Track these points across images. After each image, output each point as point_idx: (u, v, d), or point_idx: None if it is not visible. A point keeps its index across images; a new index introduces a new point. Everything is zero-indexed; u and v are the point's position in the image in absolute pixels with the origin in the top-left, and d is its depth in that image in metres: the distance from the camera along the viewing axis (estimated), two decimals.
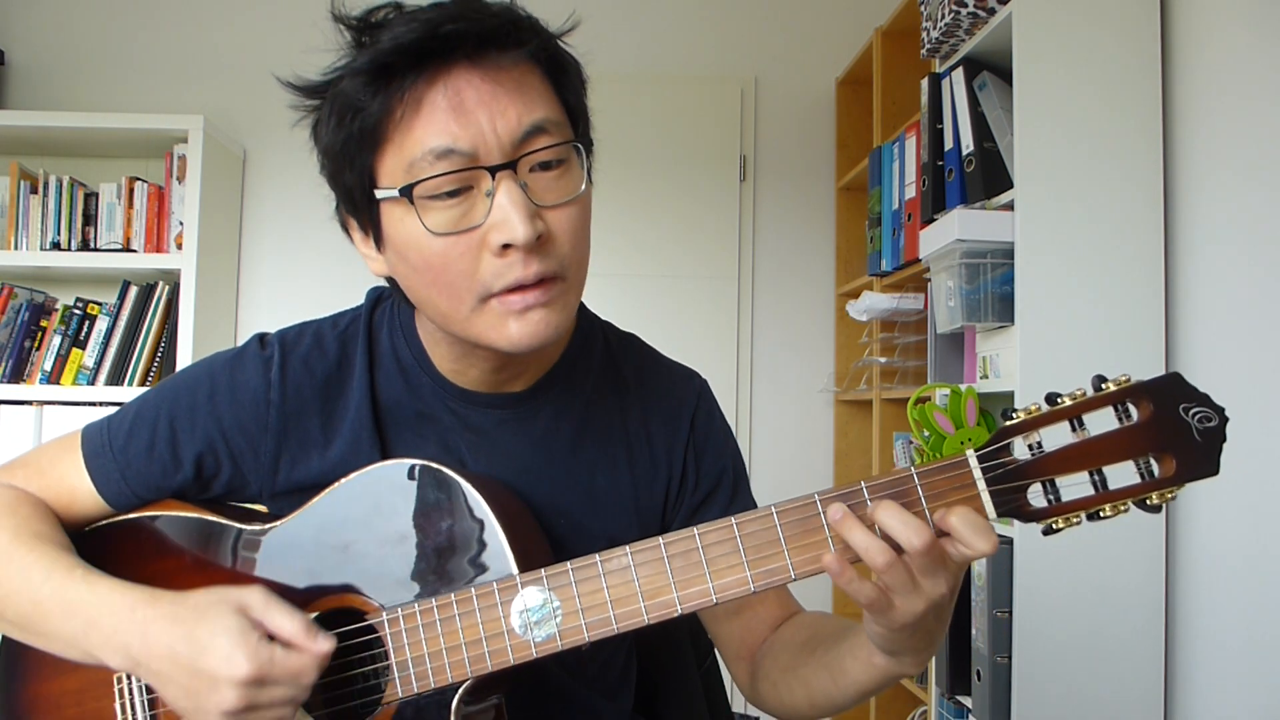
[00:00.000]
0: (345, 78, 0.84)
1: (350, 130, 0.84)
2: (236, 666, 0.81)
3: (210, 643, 0.82)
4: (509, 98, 0.83)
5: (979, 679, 1.85)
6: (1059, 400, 0.77)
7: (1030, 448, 0.78)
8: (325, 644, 0.84)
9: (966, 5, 1.94)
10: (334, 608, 0.92)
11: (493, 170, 0.82)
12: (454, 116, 0.82)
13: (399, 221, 0.86)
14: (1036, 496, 0.78)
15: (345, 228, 0.94)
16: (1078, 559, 1.76)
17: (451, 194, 0.83)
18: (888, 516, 0.77)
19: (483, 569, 0.88)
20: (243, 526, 0.98)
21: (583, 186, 0.88)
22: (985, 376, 1.94)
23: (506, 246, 0.83)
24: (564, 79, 0.89)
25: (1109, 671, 1.76)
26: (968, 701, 1.94)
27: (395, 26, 0.83)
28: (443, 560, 0.89)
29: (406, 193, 0.83)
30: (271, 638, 0.84)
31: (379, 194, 0.86)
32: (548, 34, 0.87)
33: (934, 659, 2.06)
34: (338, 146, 0.86)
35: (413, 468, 0.92)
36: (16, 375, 2.93)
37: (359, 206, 0.88)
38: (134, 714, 0.95)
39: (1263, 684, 1.59)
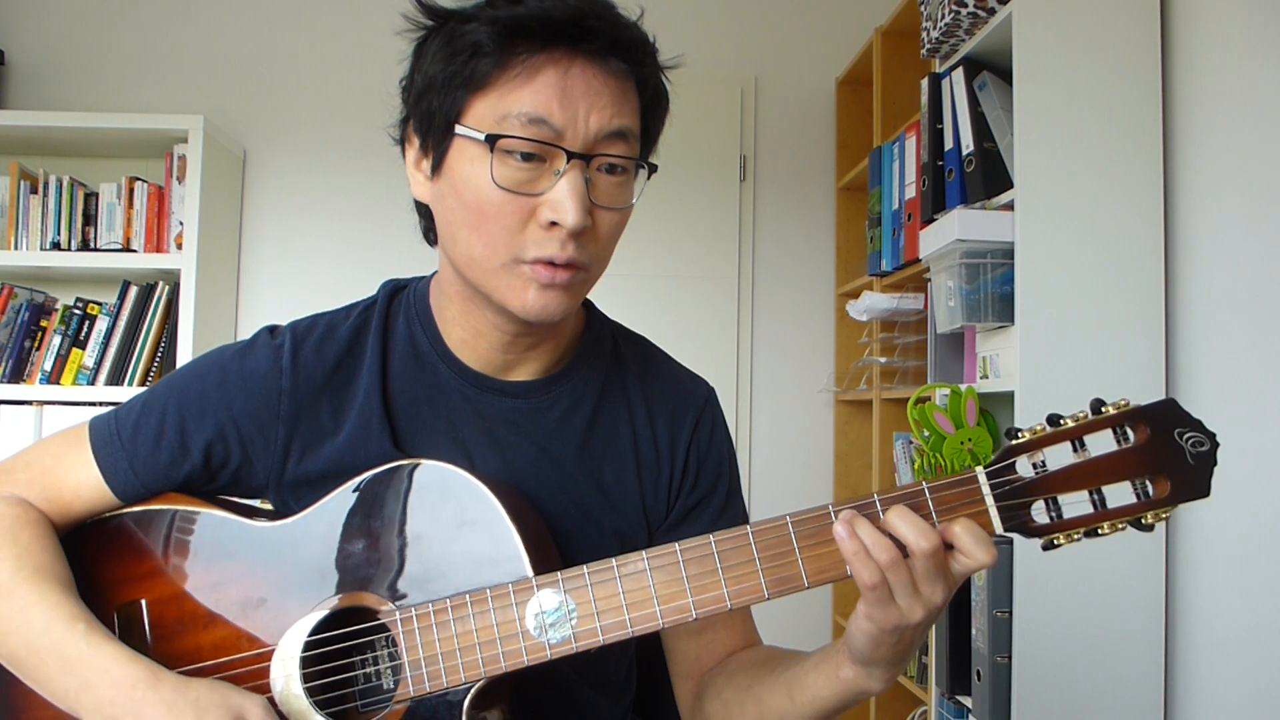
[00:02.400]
0: (477, 21, 0.89)
1: (461, 66, 0.89)
2: None
3: None
4: (609, 99, 0.90)
5: (979, 679, 1.86)
6: (1062, 421, 0.81)
7: (1034, 466, 0.82)
8: None
9: (966, 5, 1.94)
10: (345, 606, 0.92)
11: (570, 154, 0.88)
12: (558, 96, 0.88)
13: (469, 161, 0.90)
14: (1040, 513, 0.82)
15: (402, 143, 0.99)
16: (1077, 559, 1.76)
17: (526, 157, 0.89)
18: (897, 519, 0.80)
19: (496, 570, 0.89)
20: (252, 522, 0.98)
21: (632, 201, 0.95)
22: (985, 376, 1.94)
23: (554, 225, 0.89)
24: (654, 107, 0.97)
25: (1109, 671, 1.77)
26: (968, 701, 1.95)
27: None
28: (456, 560, 0.90)
29: (492, 140, 0.88)
30: None
31: (461, 130, 0.90)
32: (658, 65, 0.96)
33: (934, 659, 2.07)
34: (441, 75, 0.90)
35: (427, 467, 0.92)
36: (16, 375, 2.93)
37: (433, 130, 0.93)
38: None
39: (1263, 684, 1.60)
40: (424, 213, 1.02)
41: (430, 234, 1.03)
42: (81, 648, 0.89)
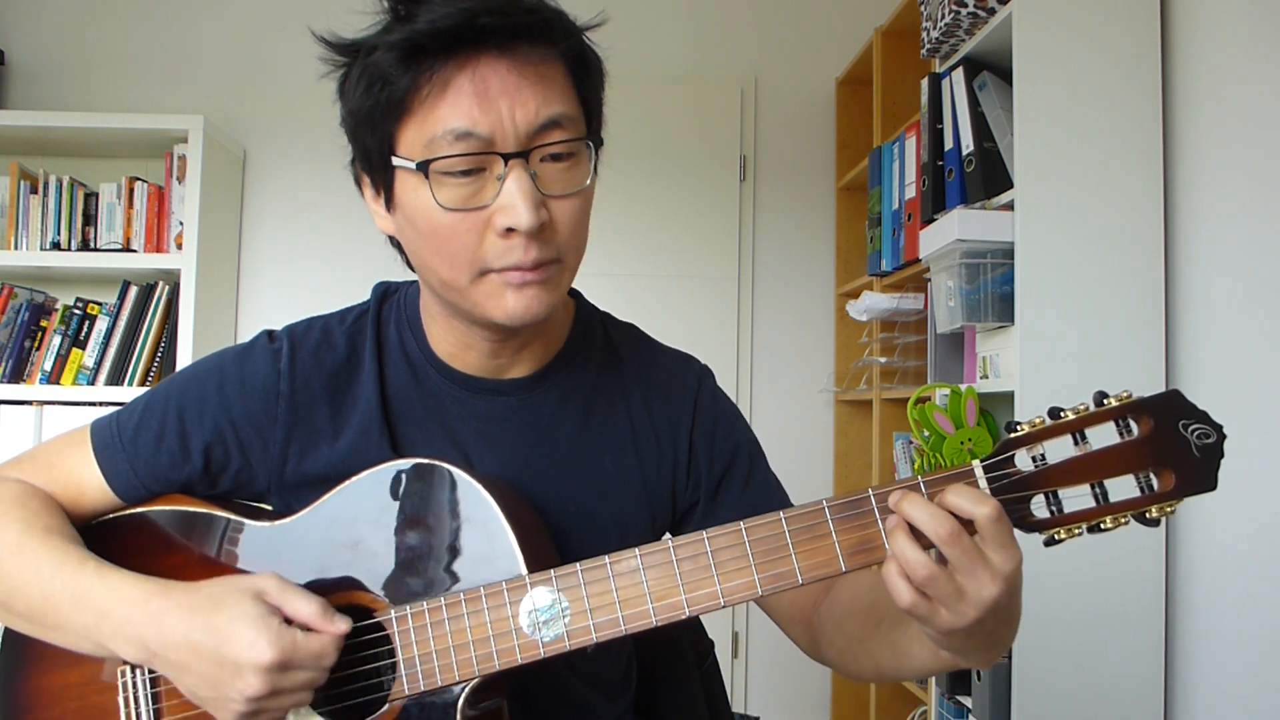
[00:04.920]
0: (379, 49, 0.87)
1: (377, 99, 0.88)
2: (260, 652, 0.82)
3: (231, 630, 0.83)
4: (531, 90, 0.87)
5: (979, 679, 1.86)
6: (1062, 414, 0.79)
7: (1034, 459, 0.79)
8: (342, 625, 0.86)
9: (966, 5, 1.94)
10: (341, 605, 0.92)
11: (506, 157, 0.86)
12: (477, 102, 0.85)
13: (412, 190, 0.89)
14: (1039, 507, 0.79)
15: (358, 182, 0.98)
16: (1077, 559, 1.76)
17: (465, 173, 0.87)
18: (910, 507, 0.77)
19: (491, 568, 0.88)
20: (251, 522, 0.98)
21: (588, 180, 0.92)
22: (985, 376, 1.94)
23: (510, 230, 0.87)
24: (585, 76, 0.93)
25: (1109, 671, 1.76)
26: (968, 701, 1.95)
27: (434, 8, 0.85)
28: (451, 559, 0.90)
29: (423, 167, 0.86)
30: (289, 621, 0.85)
31: (396, 162, 0.89)
32: (576, 32, 0.91)
33: None
34: (363, 111, 0.90)
35: (422, 466, 0.92)
36: (16, 375, 2.93)
37: (375, 167, 0.92)
38: (137, 706, 0.95)
39: (1263, 684, 1.60)
40: (397, 244, 1.01)
41: (410, 263, 1.02)
42: (93, 581, 0.91)
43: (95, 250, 2.95)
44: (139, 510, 1.02)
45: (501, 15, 0.85)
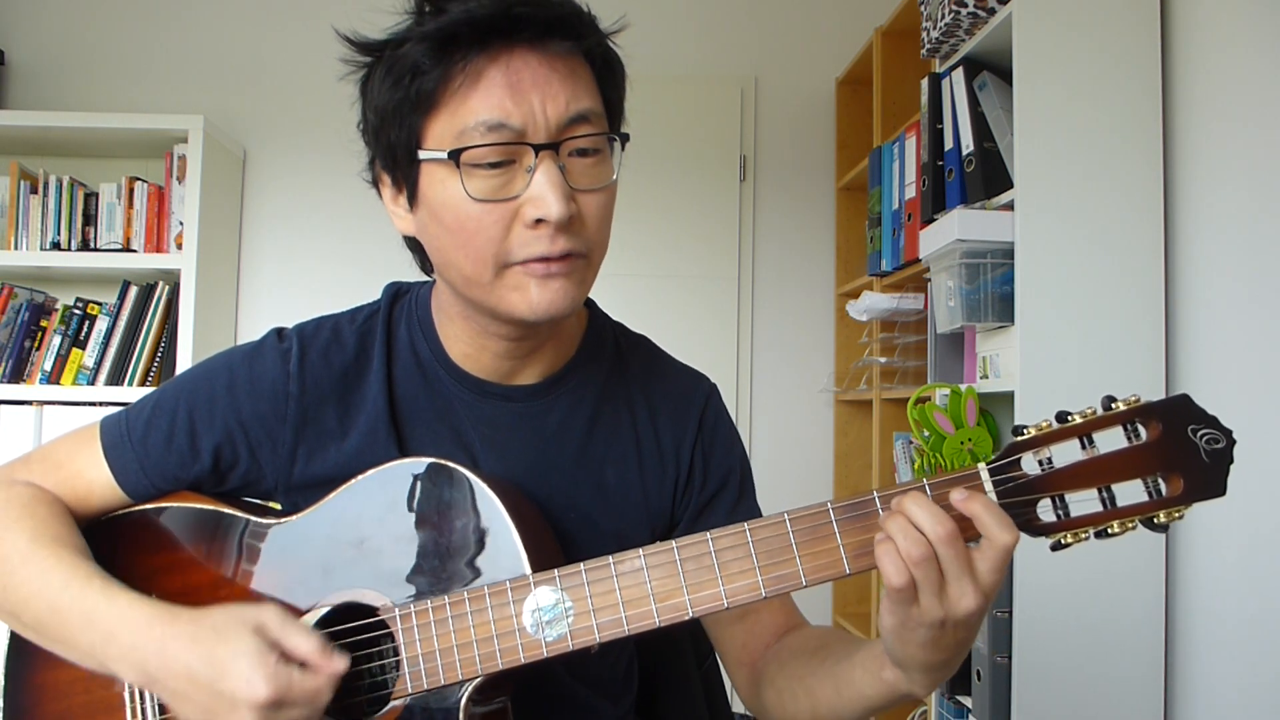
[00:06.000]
0: (410, 41, 0.87)
1: (406, 91, 0.88)
2: (256, 689, 0.81)
3: (230, 665, 0.82)
4: (561, 84, 0.88)
5: (979, 679, 1.86)
6: (1069, 418, 0.78)
7: (1040, 463, 0.79)
8: (340, 663, 0.84)
9: (966, 5, 1.94)
10: (346, 603, 0.92)
11: (537, 148, 0.86)
12: (509, 94, 0.86)
13: (440, 183, 0.89)
14: (1046, 511, 0.79)
15: (376, 183, 0.98)
16: (1078, 559, 1.74)
17: (494, 164, 0.87)
18: (913, 505, 0.77)
19: (495, 568, 0.89)
20: (257, 519, 0.99)
21: (613, 176, 0.93)
22: (985, 376, 1.94)
23: (539, 221, 0.87)
24: (609, 76, 0.94)
25: (1109, 671, 1.76)
26: (968, 701, 1.95)
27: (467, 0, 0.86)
28: (455, 558, 0.90)
29: (455, 156, 0.86)
30: (288, 657, 0.84)
31: (424, 154, 0.89)
32: (601, 32, 0.93)
33: None
34: (391, 105, 0.89)
35: (428, 466, 0.93)
36: (16, 375, 2.93)
37: (399, 163, 0.92)
38: (141, 701, 0.96)
39: (1264, 685, 1.60)
40: (414, 246, 1.01)
41: (426, 266, 1.02)
42: (99, 600, 0.90)
43: (95, 250, 2.95)
44: (147, 507, 1.02)
45: (535, 7, 0.86)
